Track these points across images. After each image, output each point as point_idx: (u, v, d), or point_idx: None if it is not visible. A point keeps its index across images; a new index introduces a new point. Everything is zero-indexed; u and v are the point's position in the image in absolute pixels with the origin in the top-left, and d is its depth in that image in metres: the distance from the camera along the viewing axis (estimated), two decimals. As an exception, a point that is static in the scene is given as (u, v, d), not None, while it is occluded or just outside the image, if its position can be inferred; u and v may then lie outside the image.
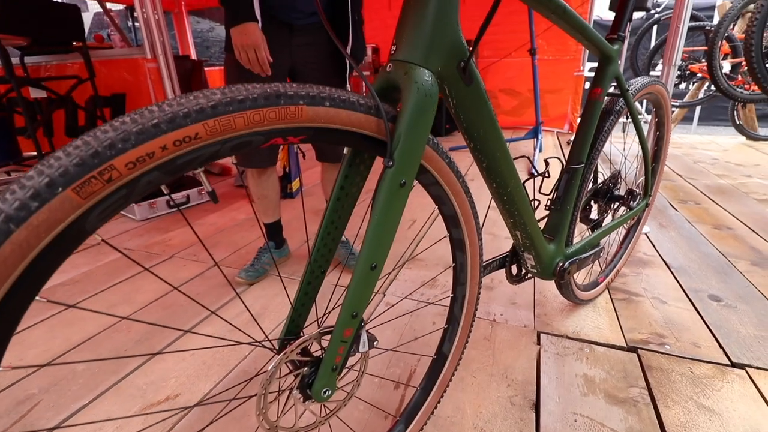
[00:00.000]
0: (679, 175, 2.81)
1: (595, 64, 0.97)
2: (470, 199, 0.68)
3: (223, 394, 0.99)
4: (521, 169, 2.89)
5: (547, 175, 0.88)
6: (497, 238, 1.87)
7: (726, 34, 2.81)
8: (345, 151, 0.56)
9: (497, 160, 0.70)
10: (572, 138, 3.87)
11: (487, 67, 3.87)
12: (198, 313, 1.33)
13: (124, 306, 1.37)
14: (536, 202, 0.89)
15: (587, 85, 4.34)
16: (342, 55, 1.32)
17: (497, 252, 1.75)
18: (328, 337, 0.54)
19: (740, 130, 3.76)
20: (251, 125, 0.40)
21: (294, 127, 0.44)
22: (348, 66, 1.34)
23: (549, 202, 1.00)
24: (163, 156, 0.36)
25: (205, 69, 3.51)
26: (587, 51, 4.08)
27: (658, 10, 4.58)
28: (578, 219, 1.10)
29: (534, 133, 3.29)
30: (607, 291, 1.42)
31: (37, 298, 0.34)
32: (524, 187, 0.80)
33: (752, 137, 3.74)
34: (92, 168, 0.32)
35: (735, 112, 3.67)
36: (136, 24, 3.00)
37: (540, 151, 3.23)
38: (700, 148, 3.65)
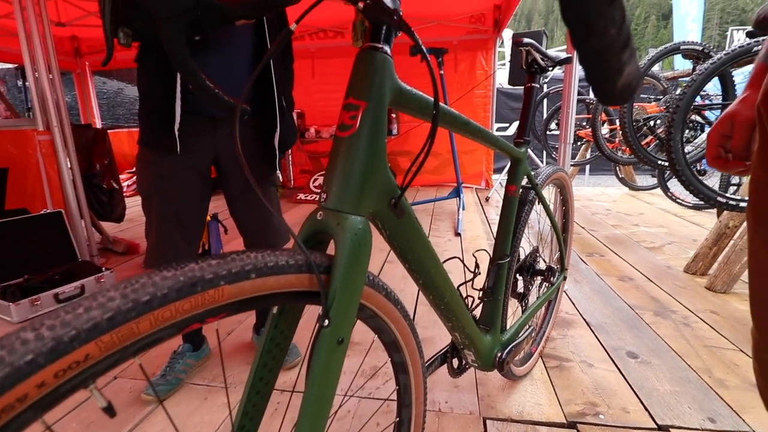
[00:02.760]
0: (583, 228, 3.14)
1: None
2: (409, 323, 0.66)
3: None
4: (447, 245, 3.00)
5: (478, 272, 0.90)
6: (432, 309, 1.87)
7: (604, 108, 3.34)
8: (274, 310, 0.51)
9: (432, 277, 0.70)
10: (490, 194, 4.10)
11: (409, 131, 4.12)
12: (97, 448, 1.10)
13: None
14: (470, 299, 0.90)
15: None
16: (270, 139, 1.28)
17: (436, 324, 1.74)
18: None
19: (623, 182, 4.39)
20: (160, 323, 0.34)
21: (214, 308, 0.38)
22: (278, 150, 1.30)
23: (481, 293, 1.02)
24: (40, 393, 0.28)
25: (111, 132, 3.20)
26: (494, 114, 4.56)
27: (547, 80, 5.36)
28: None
29: (456, 193, 3.50)
30: (540, 359, 1.47)
31: None
32: (459, 291, 0.80)
33: (633, 188, 4.37)
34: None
35: (617, 167, 4.29)
36: (27, 84, 2.71)
37: (463, 209, 3.42)
38: (594, 199, 4.16)
